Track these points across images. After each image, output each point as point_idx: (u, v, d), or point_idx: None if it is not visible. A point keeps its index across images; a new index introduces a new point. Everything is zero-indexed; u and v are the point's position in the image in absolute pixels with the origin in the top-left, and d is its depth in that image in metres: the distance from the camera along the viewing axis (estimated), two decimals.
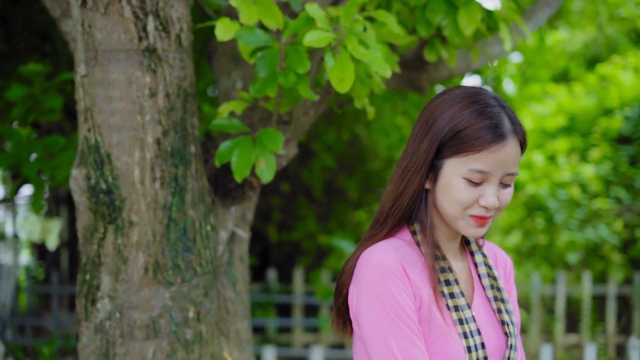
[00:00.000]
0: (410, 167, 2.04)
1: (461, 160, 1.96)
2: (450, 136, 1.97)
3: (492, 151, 1.94)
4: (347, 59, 2.62)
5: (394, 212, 2.08)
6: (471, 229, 2.02)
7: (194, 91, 2.87)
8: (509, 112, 2.02)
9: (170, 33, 2.71)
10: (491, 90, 2.10)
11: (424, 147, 2.02)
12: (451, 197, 1.99)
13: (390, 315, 1.96)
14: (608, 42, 11.72)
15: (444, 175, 2.00)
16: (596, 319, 9.76)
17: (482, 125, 1.95)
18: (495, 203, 1.98)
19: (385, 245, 2.05)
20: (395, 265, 1.98)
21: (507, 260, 2.31)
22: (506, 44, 3.30)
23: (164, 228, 2.70)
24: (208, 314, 2.83)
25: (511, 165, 1.98)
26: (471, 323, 2.03)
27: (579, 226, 9.63)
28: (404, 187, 2.06)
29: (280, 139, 2.78)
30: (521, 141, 2.02)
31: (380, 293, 1.97)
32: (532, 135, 10.71)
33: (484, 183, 1.97)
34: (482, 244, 2.24)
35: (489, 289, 2.15)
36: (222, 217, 3.07)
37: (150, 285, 2.69)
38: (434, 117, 2.02)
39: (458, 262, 2.15)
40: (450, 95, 2.04)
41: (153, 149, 2.68)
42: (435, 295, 2.00)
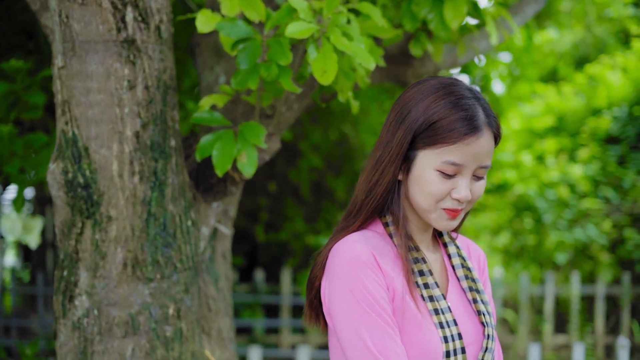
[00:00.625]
0: (383, 158, 2.02)
1: (435, 152, 1.94)
2: (425, 127, 1.95)
3: (466, 143, 1.92)
4: (330, 51, 2.57)
5: (367, 204, 2.05)
6: (443, 222, 2.00)
7: (175, 84, 2.82)
8: (483, 104, 2.00)
9: (150, 24, 2.65)
10: (466, 82, 2.08)
11: (398, 137, 1.99)
12: (424, 189, 1.97)
13: (362, 306, 1.93)
14: (597, 42, 11.72)
15: (417, 167, 1.98)
16: (585, 319, 9.74)
17: (456, 117, 1.93)
18: (468, 196, 1.96)
19: (356, 237, 2.02)
20: (366, 255, 1.96)
21: (481, 253, 2.29)
22: (492, 37, 3.27)
23: (143, 223, 2.65)
24: (189, 311, 2.78)
25: (485, 158, 1.96)
26: (447, 313, 2.01)
27: (568, 226, 9.60)
28: (378, 178, 2.03)
29: (262, 133, 2.73)
30: (495, 134, 2.00)
31: (352, 284, 1.94)
32: (520, 135, 10.69)
33: (457, 175, 1.96)
34: (455, 237, 2.22)
35: (464, 279, 2.13)
36: (204, 213, 3.02)
37: (129, 282, 2.64)
38: (408, 108, 2.00)
39: (431, 253, 2.14)
40: (425, 86, 2.02)
41: (132, 142, 2.62)
42: (409, 286, 1.98)
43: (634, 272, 9.54)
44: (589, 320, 9.74)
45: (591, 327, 9.60)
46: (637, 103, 9.62)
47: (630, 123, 9.65)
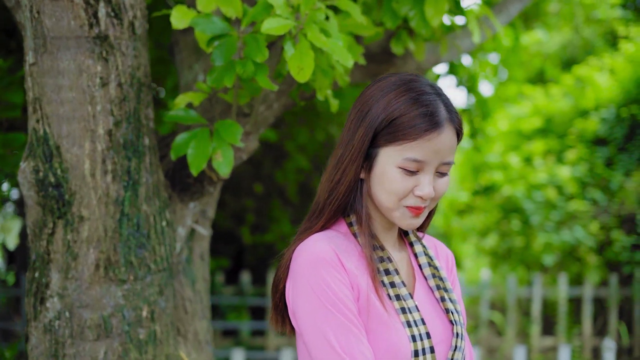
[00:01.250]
0: (345, 157, 2.00)
1: (396, 149, 1.93)
2: (385, 124, 1.93)
3: (427, 140, 1.91)
4: (307, 48, 2.52)
5: (330, 204, 2.03)
6: (406, 220, 1.98)
7: (149, 81, 2.76)
8: (445, 100, 1.99)
9: (123, 20, 2.59)
10: (426, 78, 2.06)
11: (359, 135, 1.97)
12: (386, 187, 1.95)
13: (325, 305, 1.90)
14: (584, 43, 11.71)
15: (379, 165, 1.96)
16: (572, 321, 9.72)
17: (417, 113, 1.92)
18: (431, 193, 1.94)
19: (319, 237, 1.99)
20: (329, 254, 1.93)
21: (448, 252, 2.27)
22: (474, 36, 3.22)
23: (116, 223, 2.59)
24: (163, 313, 2.72)
25: (447, 154, 1.95)
26: (414, 312, 1.98)
27: (555, 228, 9.59)
28: (340, 177, 2.01)
29: (238, 132, 2.68)
30: (457, 130, 1.99)
31: (315, 284, 1.91)
32: (508, 136, 10.67)
33: (419, 172, 1.94)
34: (421, 237, 2.20)
35: (431, 278, 2.11)
36: (180, 213, 2.96)
37: (102, 283, 2.57)
38: (369, 105, 1.98)
39: (397, 252, 2.11)
40: (385, 83, 2.00)
41: (104, 140, 2.56)
42: (374, 285, 1.95)
43: (621, 274, 9.53)
44: (577, 322, 9.72)
45: (579, 329, 9.58)
46: (624, 104, 9.61)
47: (618, 124, 9.64)
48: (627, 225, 9.50)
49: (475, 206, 10.90)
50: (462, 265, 11.55)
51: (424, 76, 2.06)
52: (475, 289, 9.69)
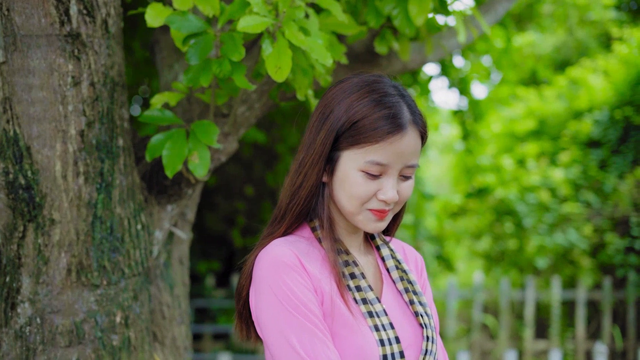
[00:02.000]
0: (306, 160, 1.96)
1: (358, 152, 1.89)
2: (347, 127, 1.89)
3: (390, 142, 1.87)
4: (285, 46, 2.46)
5: (291, 208, 1.99)
6: (370, 224, 1.95)
7: (124, 80, 2.69)
8: (408, 102, 1.94)
9: (96, 18, 2.52)
10: (390, 79, 2.01)
11: (321, 138, 1.93)
12: (348, 191, 1.91)
13: (288, 310, 1.85)
14: (578, 45, 11.65)
15: (341, 168, 1.92)
16: (565, 324, 9.67)
17: (379, 115, 1.88)
18: (395, 197, 1.90)
19: (279, 241, 1.95)
20: (290, 258, 1.89)
21: (418, 256, 2.23)
22: (460, 35, 3.16)
23: (89, 226, 2.52)
24: (138, 318, 2.65)
25: (411, 157, 1.90)
26: (382, 317, 1.93)
27: (548, 231, 9.54)
28: (302, 181, 1.97)
29: (215, 132, 2.61)
30: (422, 132, 1.95)
31: (277, 288, 1.87)
32: (501, 138, 10.61)
33: (382, 176, 1.90)
34: (388, 240, 2.15)
35: (399, 281, 2.06)
36: (158, 216, 2.89)
37: (74, 288, 2.50)
38: (330, 107, 1.94)
39: (363, 256, 2.08)
40: (348, 84, 1.96)
41: (76, 141, 2.49)
42: (339, 289, 1.91)
43: (615, 277, 9.48)
44: (570, 325, 9.68)
45: (572, 333, 9.53)
46: (618, 106, 9.56)
47: (612, 126, 9.60)
48: (621, 227, 9.45)
49: (469, 209, 10.83)
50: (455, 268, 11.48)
51: (387, 77, 2.01)
52: (468, 292, 9.63)
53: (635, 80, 9.43)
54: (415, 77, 7.99)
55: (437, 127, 12.35)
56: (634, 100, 9.37)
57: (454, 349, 9.18)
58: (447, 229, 11.48)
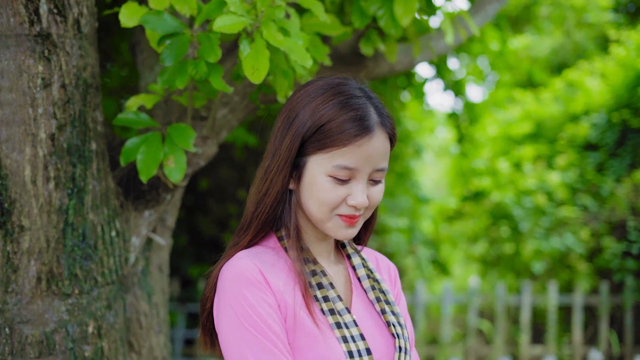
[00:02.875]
0: (272, 167, 1.91)
1: (325, 156, 1.83)
2: (313, 131, 1.84)
3: (357, 145, 1.81)
4: (262, 47, 2.38)
5: (257, 217, 1.93)
6: (340, 231, 1.90)
7: (98, 82, 2.61)
8: (375, 103, 1.90)
9: (67, 17, 2.44)
10: (357, 81, 1.97)
11: (286, 144, 1.88)
12: (317, 197, 1.86)
13: (246, 327, 1.80)
14: (575, 47, 11.58)
15: (308, 174, 1.87)
16: (562, 329, 9.59)
17: (346, 118, 1.83)
18: (365, 202, 1.86)
19: (243, 253, 1.90)
20: (252, 272, 1.85)
21: (391, 265, 2.19)
22: (448, 36, 3.08)
23: (60, 233, 2.43)
24: (111, 328, 2.56)
25: (380, 160, 1.86)
26: (352, 328, 1.88)
27: (545, 235, 9.46)
28: (267, 188, 1.91)
29: (191, 136, 2.53)
30: (390, 134, 1.91)
31: (236, 304, 1.83)
32: (497, 141, 10.53)
33: (351, 180, 1.85)
34: (360, 249, 2.11)
35: (370, 291, 2.01)
36: (134, 222, 2.80)
37: (44, 297, 2.42)
38: (295, 112, 1.89)
39: (333, 265, 2.03)
40: (312, 87, 1.91)
41: (47, 145, 2.40)
42: (305, 300, 1.85)
43: (612, 282, 9.40)
44: (567, 330, 9.60)
45: (569, 338, 9.46)
46: (616, 109, 9.49)
47: (609, 130, 9.53)
48: (618, 232, 9.38)
49: (465, 212, 10.75)
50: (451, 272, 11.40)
51: (353, 79, 1.96)
52: (463, 297, 9.55)
53: (632, 82, 9.36)
54: (410, 79, 7.91)
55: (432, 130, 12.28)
56: (632, 103, 9.29)
57: (449, 355, 9.11)
58: (442, 232, 11.40)
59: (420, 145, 10.83)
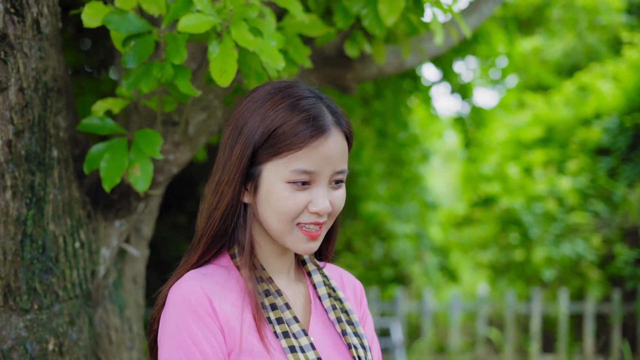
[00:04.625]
0: (222, 179, 1.80)
1: (281, 162, 1.74)
2: (265, 137, 1.75)
3: (314, 147, 1.73)
4: (231, 47, 2.25)
5: (206, 232, 1.83)
6: (301, 244, 1.80)
7: (62, 85, 2.47)
8: (327, 103, 1.82)
9: (25, 17, 2.30)
10: (305, 84, 1.88)
11: (236, 154, 1.78)
12: (275, 207, 1.76)
13: (181, 356, 1.71)
14: (588, 50, 11.39)
15: (264, 183, 1.77)
16: (573, 338, 9.43)
17: (299, 120, 1.74)
18: (328, 207, 1.76)
19: (191, 275, 1.81)
20: (196, 296, 1.75)
21: (356, 283, 2.07)
22: (437, 37, 2.93)
23: (17, 245, 2.29)
24: (74, 345, 2.43)
25: (339, 162, 1.78)
26: (309, 352, 1.77)
27: (555, 241, 9.31)
28: (217, 202, 1.81)
29: (158, 142, 2.39)
30: (346, 133, 1.82)
31: (177, 333, 1.74)
32: (506, 146, 10.37)
33: (311, 186, 1.76)
34: (322, 266, 2.00)
35: (331, 310, 1.91)
36: (104, 232, 2.67)
37: (1, 313, 2.29)
38: (243, 119, 1.80)
39: (293, 284, 1.92)
40: (260, 93, 1.83)
41: (3, 152, 2.27)
42: (256, 322, 1.76)
43: (624, 290, 9.25)
44: (578, 339, 9.45)
45: (580, 347, 9.31)
46: (628, 113, 9.32)
47: (621, 134, 9.36)
48: (631, 238, 9.23)
49: (474, 218, 10.59)
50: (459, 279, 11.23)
51: (302, 83, 1.86)
52: (472, 304, 9.40)
53: None
54: (416, 83, 7.77)
55: (440, 134, 12.12)
56: None
57: None
58: (451, 239, 11.25)
59: (427, 150, 10.68)
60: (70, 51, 5.21)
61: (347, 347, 1.86)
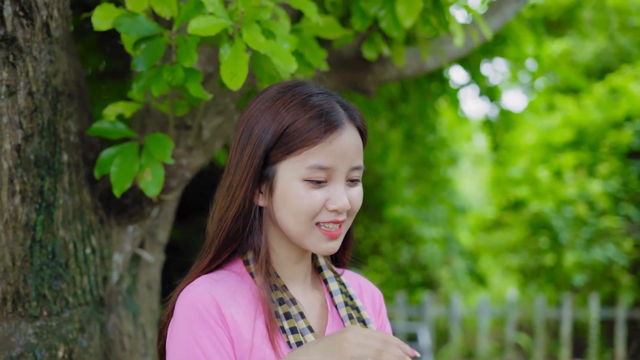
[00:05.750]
0: (234, 182, 1.75)
1: (296, 159, 1.70)
2: (278, 136, 1.70)
3: (329, 142, 1.69)
4: (242, 50, 2.21)
5: (217, 235, 1.78)
6: (322, 244, 1.74)
7: (74, 89, 2.45)
8: (338, 99, 1.78)
9: (35, 20, 2.27)
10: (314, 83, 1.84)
11: (248, 154, 1.73)
12: (293, 207, 1.70)
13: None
14: (619, 52, 11.24)
15: (279, 183, 1.72)
16: (604, 344, 9.30)
17: (310, 115, 1.70)
18: (347, 204, 1.71)
19: (201, 280, 1.76)
20: (205, 304, 1.70)
21: (375, 291, 2.02)
22: (457, 38, 2.87)
23: (26, 251, 2.27)
24: (84, 353, 2.40)
25: (354, 157, 1.73)
26: None
27: (586, 246, 9.19)
28: (228, 204, 1.76)
29: (169, 147, 2.36)
30: (361, 128, 1.78)
31: (185, 340, 1.69)
32: (536, 149, 10.26)
33: (328, 183, 1.71)
34: (340, 273, 1.94)
35: (347, 320, 1.84)
36: (117, 238, 2.64)
37: (10, 320, 2.26)
38: (254, 120, 1.76)
39: (309, 292, 1.87)
40: (269, 93, 1.79)
41: (12, 157, 2.24)
42: (269, 332, 1.71)
43: None
44: (609, 345, 9.33)
45: (611, 353, 9.21)
46: None
47: None
48: None
49: (503, 222, 10.49)
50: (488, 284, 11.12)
51: (310, 81, 1.83)
52: (500, 310, 9.30)
53: None
54: (444, 85, 7.69)
55: (469, 137, 12.01)
56: None
57: None
58: (480, 243, 11.15)
59: (456, 153, 10.59)
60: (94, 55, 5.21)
61: None
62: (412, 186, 10.06)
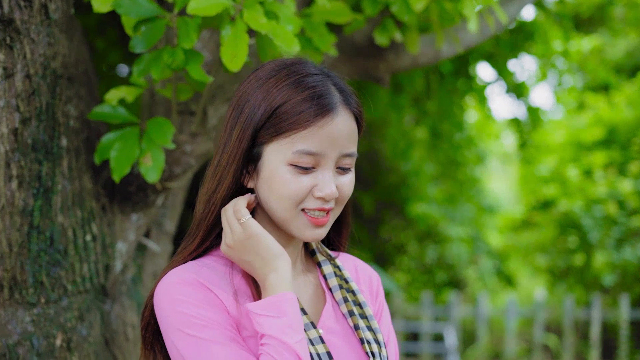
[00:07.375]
0: (222, 162, 1.68)
1: (284, 142, 1.62)
2: (267, 116, 1.62)
3: (319, 127, 1.61)
4: (242, 31, 2.16)
5: (205, 217, 1.71)
6: (307, 231, 1.67)
7: (74, 73, 2.40)
8: (335, 81, 1.69)
9: (33, 2, 2.23)
10: (312, 62, 1.75)
11: (237, 133, 1.66)
12: (277, 191, 1.63)
13: (196, 322, 1.59)
14: None
15: (266, 165, 1.65)
16: (634, 346, 9.13)
17: (303, 97, 1.62)
18: (334, 192, 1.63)
19: (187, 266, 1.69)
20: (189, 279, 1.64)
21: (372, 274, 1.94)
22: (471, 24, 2.79)
23: (24, 237, 2.23)
24: (84, 341, 2.35)
25: (347, 144, 1.64)
26: (318, 345, 1.64)
27: (616, 245, 9.04)
28: (216, 185, 1.69)
29: (170, 131, 2.31)
30: (356, 114, 1.68)
31: (175, 316, 1.61)
32: (566, 148, 10.11)
33: (316, 169, 1.64)
34: (335, 256, 1.87)
35: (343, 303, 1.78)
36: (121, 226, 2.59)
37: (6, 307, 2.22)
38: (245, 98, 1.68)
39: (300, 275, 1.80)
40: (263, 71, 1.70)
41: (9, 140, 2.20)
42: None
43: None
44: (639, 347, 9.11)
45: None
46: None
47: None
48: None
49: (532, 222, 10.35)
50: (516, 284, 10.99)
51: (309, 60, 1.74)
52: (528, 310, 9.17)
53: None
54: (471, 83, 7.59)
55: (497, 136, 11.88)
56: None
57: None
58: (508, 243, 11.02)
59: (483, 152, 10.47)
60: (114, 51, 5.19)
61: (359, 342, 1.74)
62: (437, 184, 9.96)
